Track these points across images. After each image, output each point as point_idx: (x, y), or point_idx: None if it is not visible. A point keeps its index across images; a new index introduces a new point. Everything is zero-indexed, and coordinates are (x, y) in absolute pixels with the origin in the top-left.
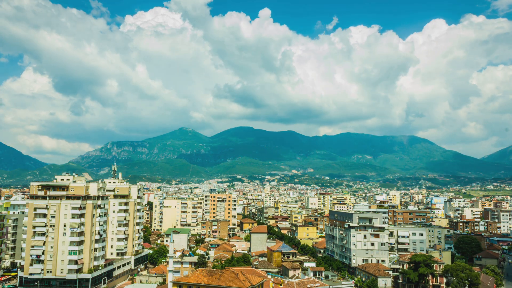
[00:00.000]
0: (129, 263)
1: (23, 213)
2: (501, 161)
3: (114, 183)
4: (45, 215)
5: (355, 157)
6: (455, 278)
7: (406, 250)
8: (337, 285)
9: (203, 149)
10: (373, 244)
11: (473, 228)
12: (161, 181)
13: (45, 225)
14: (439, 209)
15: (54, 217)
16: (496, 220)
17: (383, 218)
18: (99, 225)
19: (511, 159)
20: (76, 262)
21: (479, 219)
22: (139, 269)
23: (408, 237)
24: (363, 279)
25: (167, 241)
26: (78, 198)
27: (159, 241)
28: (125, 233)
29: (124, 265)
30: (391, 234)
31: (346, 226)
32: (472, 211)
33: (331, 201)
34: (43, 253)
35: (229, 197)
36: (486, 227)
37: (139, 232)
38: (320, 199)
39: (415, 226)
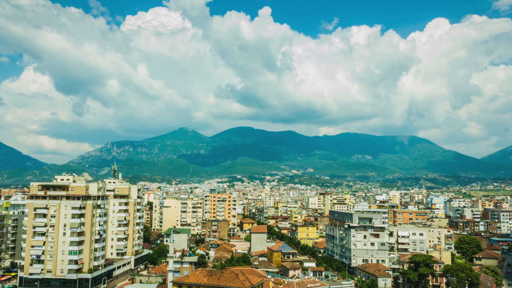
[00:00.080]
0: (129, 263)
1: (23, 213)
2: (501, 161)
3: (114, 183)
4: (45, 215)
5: (355, 157)
6: (455, 278)
7: (406, 250)
8: (337, 285)
9: (203, 149)
10: (373, 244)
11: (473, 228)
12: (161, 181)
13: (45, 225)
14: (439, 209)
15: (54, 217)
16: (496, 220)
17: (383, 218)
18: (99, 225)
19: (511, 159)
20: (76, 262)
21: (479, 219)
22: (139, 269)
23: (408, 237)
24: (363, 279)
25: (167, 241)
26: (78, 198)
27: (159, 241)
28: (125, 233)
29: (124, 265)
30: (391, 234)
31: (346, 226)
32: (472, 211)
33: (331, 201)
34: (43, 253)
35: (229, 197)
36: (486, 227)
37: (139, 232)
38: (320, 199)
39: (415, 226)
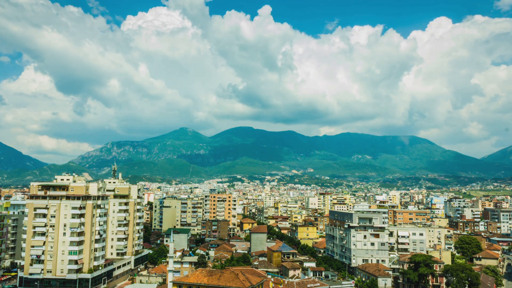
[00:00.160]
0: (129, 263)
1: (23, 213)
2: (501, 161)
3: (114, 183)
4: (45, 215)
5: (355, 157)
6: (455, 278)
7: (406, 250)
8: (337, 285)
9: (203, 149)
10: (373, 244)
11: (473, 228)
12: (161, 181)
13: (45, 225)
14: (439, 209)
15: (54, 217)
16: (496, 220)
17: (383, 218)
18: (99, 225)
19: (511, 159)
20: (76, 262)
21: (479, 219)
22: (139, 269)
23: (408, 237)
24: (363, 279)
25: (167, 241)
26: (78, 198)
27: (159, 241)
28: (125, 233)
29: (124, 265)
30: (391, 234)
31: (346, 226)
32: (472, 211)
33: (331, 201)
34: (43, 253)
35: (229, 197)
36: (486, 227)
37: (139, 232)
38: (320, 199)
39: (415, 226)
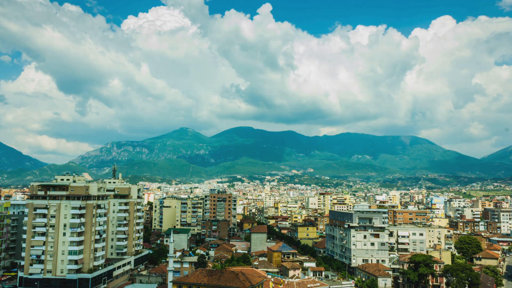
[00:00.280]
0: (129, 263)
1: (23, 213)
2: (501, 161)
3: (114, 183)
4: (45, 215)
5: (355, 157)
6: (455, 278)
7: (406, 250)
8: (337, 285)
9: (203, 149)
10: (373, 244)
11: (473, 228)
12: (161, 181)
13: (45, 225)
14: (439, 209)
15: (54, 217)
16: (496, 220)
17: (383, 218)
18: (99, 225)
19: (511, 159)
20: (76, 262)
21: (479, 219)
22: (139, 269)
23: (408, 237)
24: (363, 279)
25: (167, 241)
26: (78, 198)
27: (159, 241)
28: (125, 233)
29: (124, 265)
30: (391, 234)
31: (346, 226)
32: (472, 211)
33: (331, 201)
34: (43, 253)
35: (229, 197)
36: (486, 227)
37: (139, 232)
38: (320, 199)
39: (415, 226)
